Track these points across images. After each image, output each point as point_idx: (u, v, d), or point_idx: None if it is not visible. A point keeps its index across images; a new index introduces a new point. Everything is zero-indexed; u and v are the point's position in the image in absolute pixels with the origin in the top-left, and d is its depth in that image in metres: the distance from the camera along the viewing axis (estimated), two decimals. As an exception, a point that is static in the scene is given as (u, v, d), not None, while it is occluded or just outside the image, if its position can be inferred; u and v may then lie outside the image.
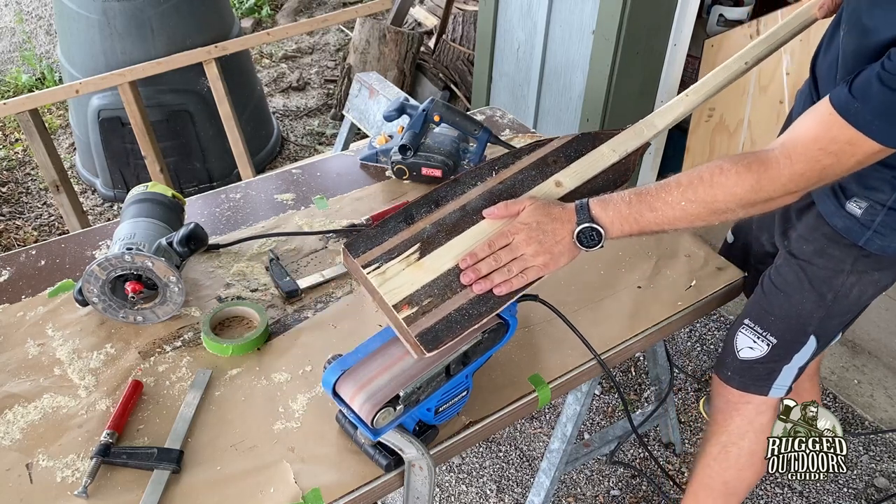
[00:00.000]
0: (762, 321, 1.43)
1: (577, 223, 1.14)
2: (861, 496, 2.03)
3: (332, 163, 1.89)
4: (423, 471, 1.12)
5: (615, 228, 1.14)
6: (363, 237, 1.14)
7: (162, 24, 2.85)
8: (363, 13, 3.22)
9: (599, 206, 1.15)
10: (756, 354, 1.44)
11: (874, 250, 1.27)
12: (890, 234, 1.24)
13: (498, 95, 3.11)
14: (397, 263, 1.12)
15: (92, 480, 1.08)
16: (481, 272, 1.11)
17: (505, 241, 1.14)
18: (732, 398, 1.50)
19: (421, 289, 1.09)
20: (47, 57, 4.32)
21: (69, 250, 1.55)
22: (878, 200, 1.22)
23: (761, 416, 1.48)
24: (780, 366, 1.44)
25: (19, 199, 3.29)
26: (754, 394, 1.47)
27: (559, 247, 1.14)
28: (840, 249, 1.31)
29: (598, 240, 1.14)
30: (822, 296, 1.35)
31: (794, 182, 1.05)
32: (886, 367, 2.37)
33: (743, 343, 1.46)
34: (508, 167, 1.29)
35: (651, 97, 2.72)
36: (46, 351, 1.31)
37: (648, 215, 1.13)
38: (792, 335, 1.41)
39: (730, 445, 1.53)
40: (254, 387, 1.26)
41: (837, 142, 1.01)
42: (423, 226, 1.17)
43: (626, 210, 1.14)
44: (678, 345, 2.50)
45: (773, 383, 1.45)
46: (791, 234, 1.40)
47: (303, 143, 3.70)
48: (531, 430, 2.20)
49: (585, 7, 2.52)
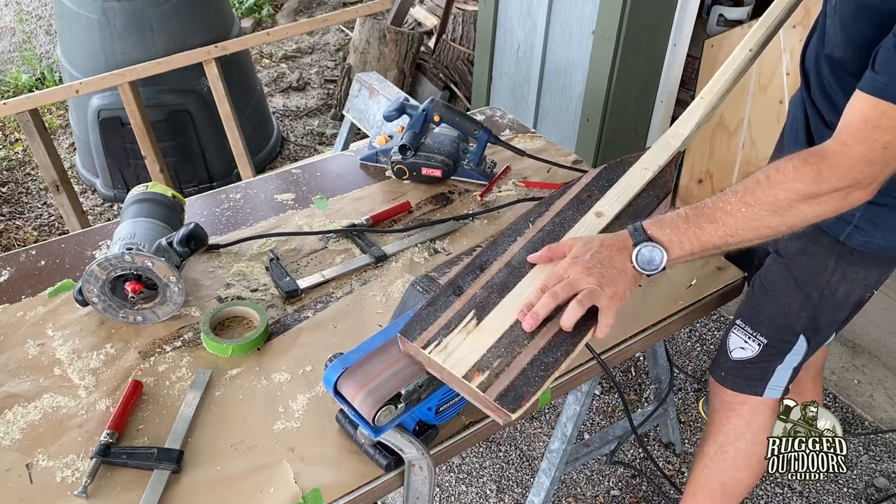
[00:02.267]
0: (752, 321, 1.43)
1: (634, 244, 1.06)
2: (861, 496, 2.03)
3: (332, 163, 1.89)
4: (423, 471, 1.12)
5: (675, 247, 1.06)
6: (416, 320, 1.07)
7: (162, 24, 2.85)
8: (363, 13, 3.22)
9: (655, 226, 1.07)
10: (748, 355, 1.44)
11: (856, 246, 1.27)
12: (871, 230, 1.24)
13: (498, 95, 3.11)
14: (457, 335, 1.04)
15: (92, 480, 1.08)
16: (540, 315, 1.02)
17: (558, 280, 1.05)
18: (728, 399, 1.50)
19: (487, 352, 1.02)
20: (47, 57, 4.32)
21: (69, 250, 1.55)
22: None
23: (758, 417, 1.48)
24: (772, 366, 1.43)
25: (19, 199, 3.29)
26: (749, 394, 1.47)
27: (622, 275, 1.04)
28: (823, 247, 1.30)
29: (660, 260, 1.05)
30: (807, 295, 1.35)
31: (856, 168, 0.99)
32: (886, 367, 2.37)
33: (735, 343, 1.46)
34: (543, 215, 1.25)
35: (651, 97, 2.72)
36: (46, 351, 1.31)
37: (709, 228, 1.05)
38: (781, 335, 1.41)
39: (727, 446, 1.52)
40: (254, 387, 1.26)
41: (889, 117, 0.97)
42: (472, 292, 1.11)
43: (684, 226, 1.06)
44: (678, 345, 2.50)
45: (768, 384, 1.45)
46: None
47: (303, 143, 3.70)
48: (531, 430, 2.20)
49: (585, 7, 2.52)
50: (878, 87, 0.97)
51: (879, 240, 1.25)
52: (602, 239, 1.08)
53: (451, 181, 1.80)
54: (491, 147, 1.79)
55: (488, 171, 1.80)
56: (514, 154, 1.81)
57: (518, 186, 1.80)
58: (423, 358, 1.04)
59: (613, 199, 1.27)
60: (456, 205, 1.73)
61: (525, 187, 1.79)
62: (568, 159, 1.88)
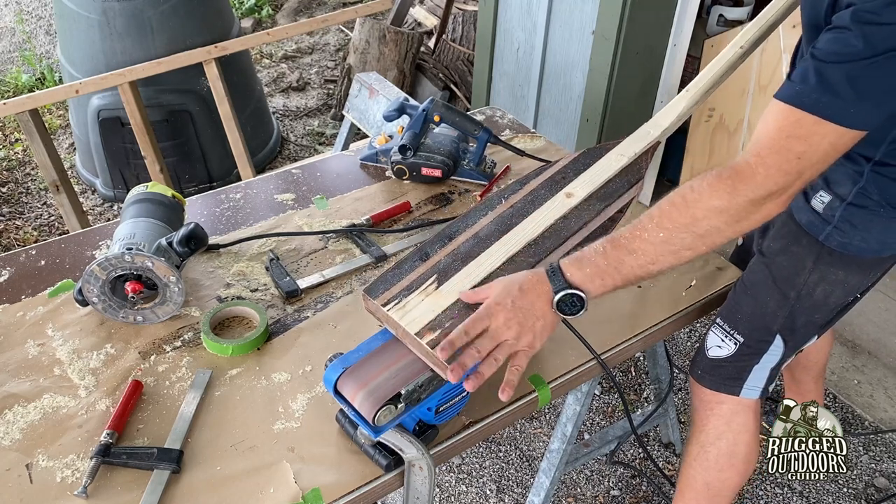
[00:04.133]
0: (731, 320, 1.43)
1: (555, 291, 1.06)
2: (861, 496, 2.03)
3: (332, 163, 1.89)
4: (423, 471, 1.12)
5: (595, 287, 1.06)
6: (380, 280, 1.15)
7: (162, 24, 2.85)
8: (363, 13, 3.22)
9: (573, 266, 1.07)
10: (724, 353, 1.44)
11: (835, 247, 1.27)
12: (850, 231, 1.24)
13: (498, 95, 3.11)
14: (416, 296, 1.12)
15: (92, 480, 1.08)
16: (467, 366, 1.01)
17: (482, 325, 1.04)
18: (706, 398, 1.50)
19: (442, 313, 1.09)
20: (47, 57, 4.32)
21: (69, 250, 1.55)
22: (840, 195, 1.22)
23: (737, 417, 1.47)
24: (749, 366, 1.43)
25: (19, 199, 3.29)
26: (725, 394, 1.46)
27: (541, 322, 1.05)
28: (802, 247, 1.31)
29: (581, 305, 1.05)
30: (784, 294, 1.35)
31: (770, 178, 0.99)
32: (886, 367, 2.38)
33: (712, 342, 1.46)
34: (517, 192, 1.30)
35: (651, 97, 2.72)
36: (46, 351, 1.31)
37: (629, 260, 1.05)
38: (758, 334, 1.40)
39: (708, 446, 1.51)
40: (254, 387, 1.26)
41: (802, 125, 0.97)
42: (438, 259, 1.18)
43: (602, 262, 1.06)
44: (678, 345, 2.50)
45: (744, 384, 1.44)
46: (767, 234, 1.40)
47: (303, 143, 3.70)
48: (531, 430, 2.20)
49: (585, 7, 2.52)
50: (792, 94, 0.97)
51: (858, 241, 1.25)
52: (521, 283, 1.07)
53: (451, 181, 1.80)
54: (491, 147, 1.79)
55: (488, 171, 1.80)
56: (514, 154, 1.81)
57: (518, 186, 1.80)
58: (382, 315, 1.12)
59: (586, 181, 1.30)
60: (456, 205, 1.73)
61: (525, 187, 1.79)
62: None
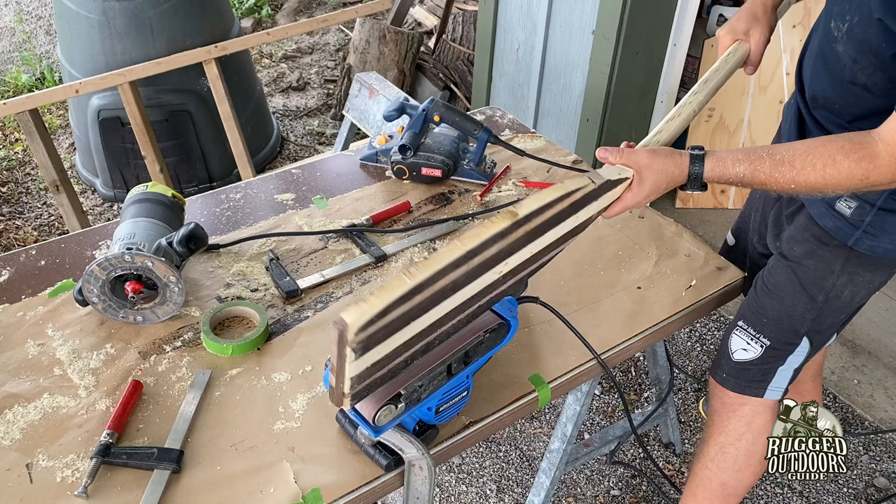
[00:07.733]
0: (755, 323, 1.44)
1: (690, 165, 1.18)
2: (861, 496, 2.03)
3: (332, 163, 1.89)
4: (423, 471, 1.12)
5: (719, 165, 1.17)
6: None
7: (162, 24, 2.85)
8: (363, 13, 3.22)
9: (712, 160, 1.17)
10: (750, 356, 1.45)
11: (864, 250, 1.27)
12: (879, 235, 1.25)
13: (498, 95, 3.11)
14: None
15: (92, 480, 1.08)
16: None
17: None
18: (728, 400, 1.50)
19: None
20: (47, 57, 4.32)
21: (69, 250, 1.55)
22: (868, 200, 1.22)
23: (758, 418, 1.48)
24: (774, 367, 1.44)
25: (19, 199, 3.29)
26: (750, 396, 1.47)
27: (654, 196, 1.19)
28: (830, 251, 1.31)
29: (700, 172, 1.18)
30: (812, 298, 1.35)
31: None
32: (886, 367, 2.37)
33: (737, 345, 1.46)
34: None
35: (651, 97, 2.72)
36: (46, 351, 1.31)
37: (758, 180, 1.15)
38: (785, 337, 1.41)
39: (727, 447, 1.53)
40: (254, 387, 1.26)
41: None
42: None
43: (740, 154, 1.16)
44: (678, 345, 2.50)
45: (769, 385, 1.45)
46: (783, 236, 1.40)
47: (303, 143, 3.70)
48: (531, 430, 2.20)
49: (585, 7, 2.52)
50: None
51: (887, 244, 1.26)
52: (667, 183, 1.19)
53: (451, 181, 1.80)
54: (491, 147, 1.79)
55: (488, 171, 1.80)
56: (514, 154, 1.81)
57: (518, 186, 1.80)
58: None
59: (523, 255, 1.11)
60: (456, 205, 1.73)
61: (525, 187, 1.79)
62: (568, 159, 1.88)
